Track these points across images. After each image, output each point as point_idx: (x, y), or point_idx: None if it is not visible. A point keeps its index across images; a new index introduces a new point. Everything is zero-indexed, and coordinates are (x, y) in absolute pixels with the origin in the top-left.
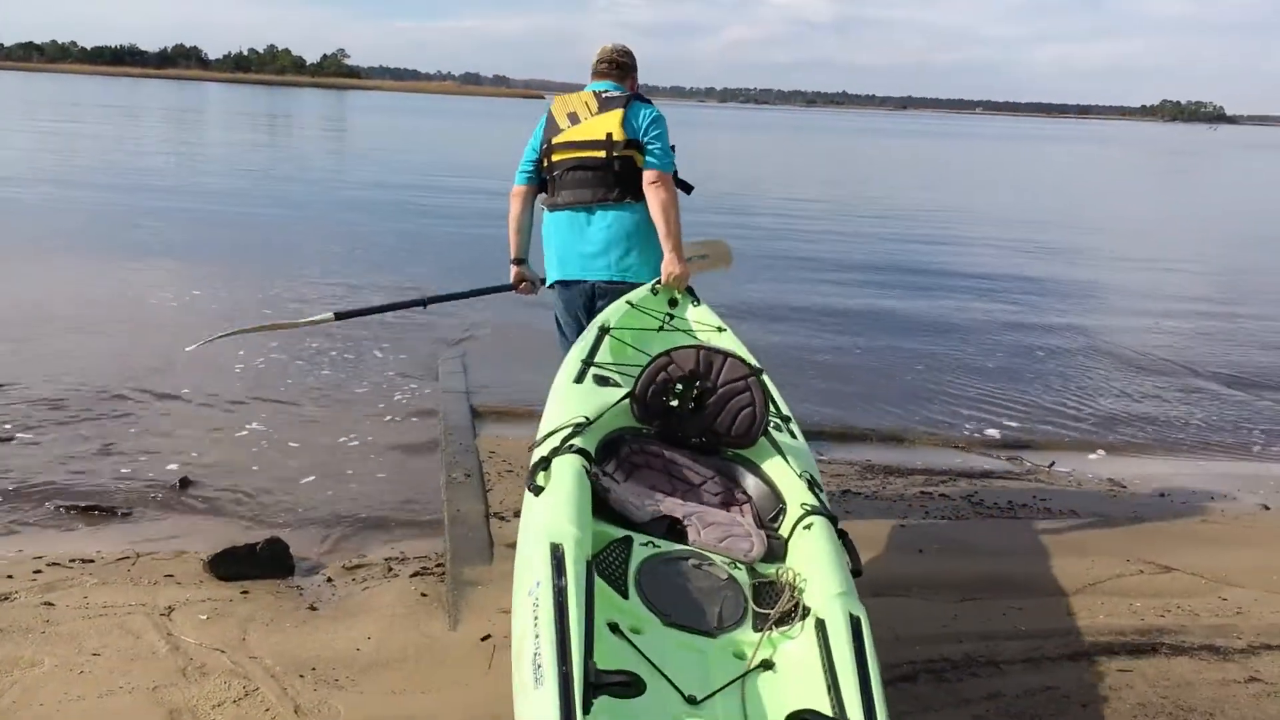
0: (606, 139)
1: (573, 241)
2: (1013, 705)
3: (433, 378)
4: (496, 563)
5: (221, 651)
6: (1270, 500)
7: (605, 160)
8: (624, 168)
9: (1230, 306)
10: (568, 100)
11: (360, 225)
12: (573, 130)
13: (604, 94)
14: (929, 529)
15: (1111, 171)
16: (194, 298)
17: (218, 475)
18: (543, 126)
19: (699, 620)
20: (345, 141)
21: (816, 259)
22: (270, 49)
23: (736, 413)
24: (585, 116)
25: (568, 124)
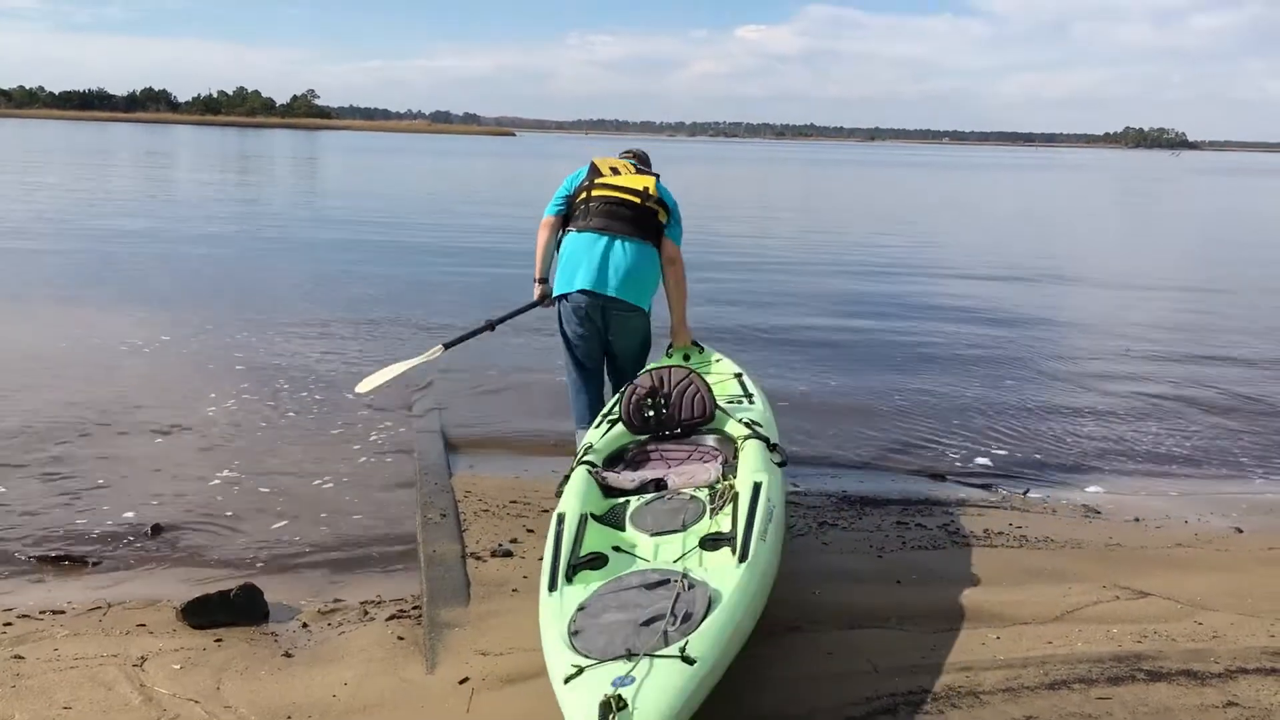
0: (643, 191)
1: (593, 257)
2: None
3: (407, 417)
4: (474, 603)
5: (196, 702)
6: (1243, 523)
7: (639, 205)
8: (649, 217)
9: (1198, 331)
10: (609, 160)
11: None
12: (615, 178)
13: (637, 165)
14: (906, 559)
15: (1078, 198)
16: (163, 343)
17: (190, 521)
18: (584, 173)
19: (672, 524)
20: (318, 180)
21: (788, 291)
22: (240, 90)
23: (692, 401)
24: (626, 172)
25: (609, 174)
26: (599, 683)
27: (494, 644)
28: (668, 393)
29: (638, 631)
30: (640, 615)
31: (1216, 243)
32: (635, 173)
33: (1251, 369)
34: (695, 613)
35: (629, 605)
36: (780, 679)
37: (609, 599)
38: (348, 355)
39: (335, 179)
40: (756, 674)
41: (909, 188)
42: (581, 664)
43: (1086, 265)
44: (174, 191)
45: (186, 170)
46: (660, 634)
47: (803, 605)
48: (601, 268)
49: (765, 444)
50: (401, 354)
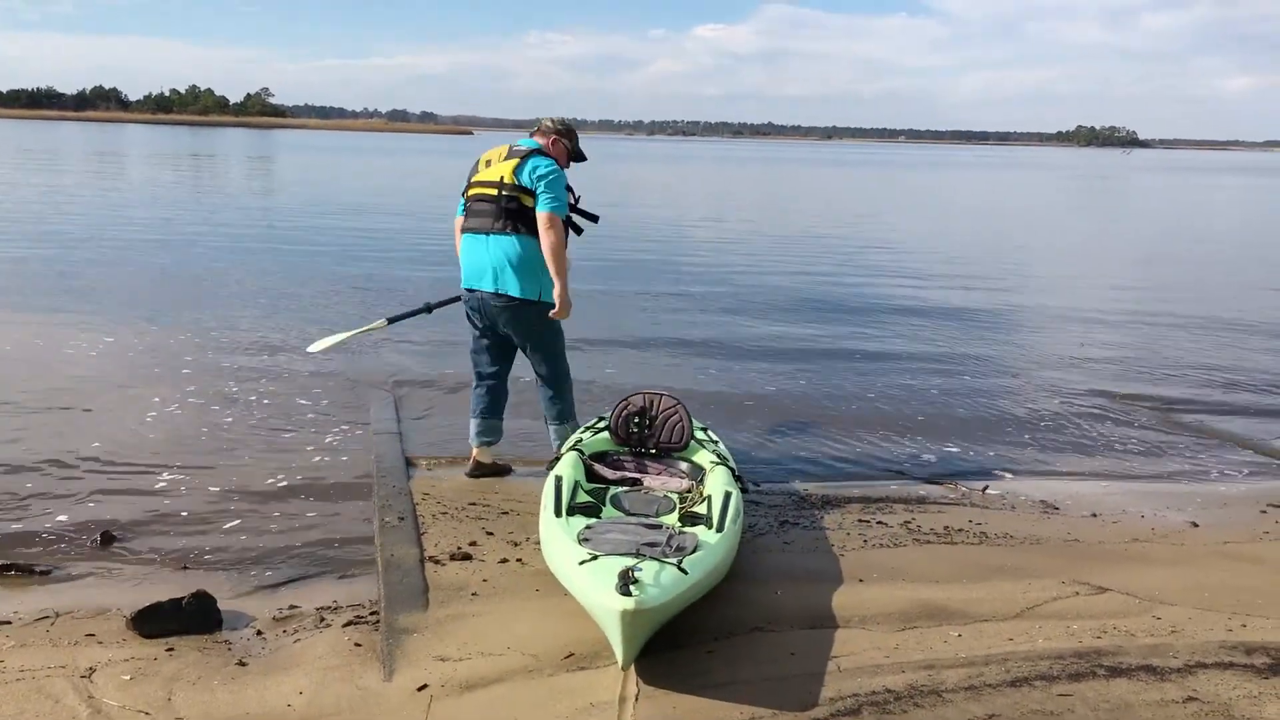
0: (499, 182)
1: (471, 258)
2: None
3: (363, 419)
4: (432, 608)
5: (146, 714)
6: (1198, 517)
7: (495, 198)
8: (511, 206)
9: (1153, 327)
10: (490, 152)
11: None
12: (483, 172)
13: (514, 146)
14: (867, 558)
15: (1032, 197)
16: (107, 346)
17: (140, 527)
18: (470, 169)
19: (645, 511)
20: (269, 179)
21: (745, 293)
22: (192, 89)
23: (673, 428)
24: (497, 161)
25: (483, 168)
26: (614, 564)
27: (453, 649)
28: (654, 415)
29: (640, 546)
30: (641, 539)
31: (1168, 239)
32: (505, 159)
33: (1206, 364)
34: (687, 547)
35: (630, 532)
36: (744, 680)
37: (612, 526)
38: (297, 356)
39: (287, 178)
40: (720, 675)
41: (864, 188)
42: (595, 553)
43: (1040, 263)
44: (119, 192)
45: (134, 170)
46: (660, 550)
47: (765, 605)
48: (477, 265)
49: (731, 472)
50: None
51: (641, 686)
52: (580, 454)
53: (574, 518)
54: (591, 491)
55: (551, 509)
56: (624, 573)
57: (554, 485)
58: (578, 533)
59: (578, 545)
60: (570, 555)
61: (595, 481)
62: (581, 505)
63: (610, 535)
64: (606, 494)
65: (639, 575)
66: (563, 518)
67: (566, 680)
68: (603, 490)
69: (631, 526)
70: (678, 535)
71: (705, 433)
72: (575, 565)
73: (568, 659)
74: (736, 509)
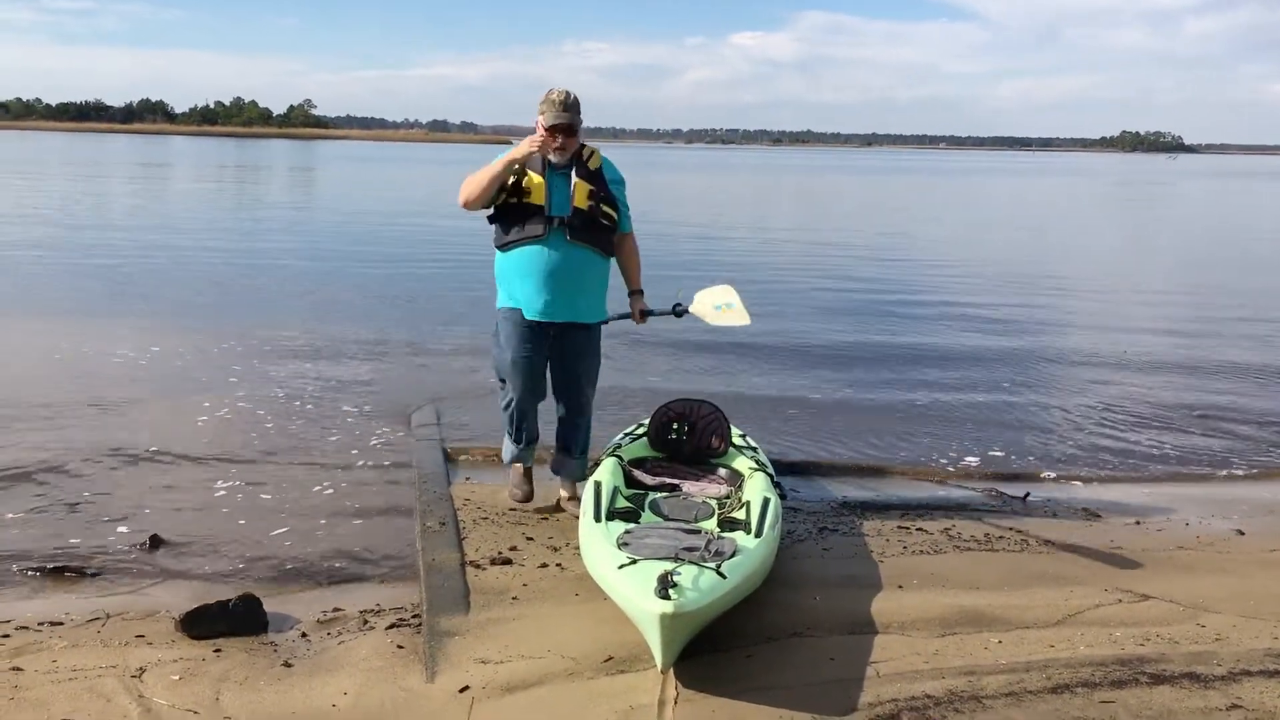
0: None
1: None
2: None
3: (405, 427)
4: (474, 612)
5: (195, 713)
6: (1244, 525)
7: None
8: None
9: (1197, 334)
10: None
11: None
12: None
13: None
14: (907, 564)
15: (1077, 203)
16: (155, 354)
17: (188, 532)
18: None
19: (684, 517)
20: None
21: (788, 299)
22: (237, 101)
23: (712, 435)
24: None
25: None
26: (653, 568)
27: (494, 652)
28: (693, 422)
29: (679, 550)
30: (680, 543)
31: (1214, 246)
32: None
33: (1251, 370)
34: (725, 552)
35: (669, 537)
36: (783, 685)
37: (651, 531)
38: (343, 363)
39: (336, 189)
40: (759, 679)
41: (908, 195)
42: (635, 558)
43: (1084, 269)
44: (169, 203)
45: (184, 181)
46: (699, 555)
47: (804, 611)
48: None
49: (770, 479)
50: (393, 367)
51: (680, 690)
52: (619, 460)
53: (613, 523)
54: (630, 497)
55: (591, 514)
56: (663, 576)
57: (593, 491)
58: (617, 537)
59: (617, 550)
60: (609, 559)
61: (634, 487)
62: (621, 510)
63: (649, 540)
64: (645, 499)
65: (678, 579)
66: (602, 523)
67: (606, 683)
68: (641, 496)
69: (670, 531)
70: (716, 540)
71: (744, 439)
72: (615, 569)
73: (607, 662)
74: (775, 515)
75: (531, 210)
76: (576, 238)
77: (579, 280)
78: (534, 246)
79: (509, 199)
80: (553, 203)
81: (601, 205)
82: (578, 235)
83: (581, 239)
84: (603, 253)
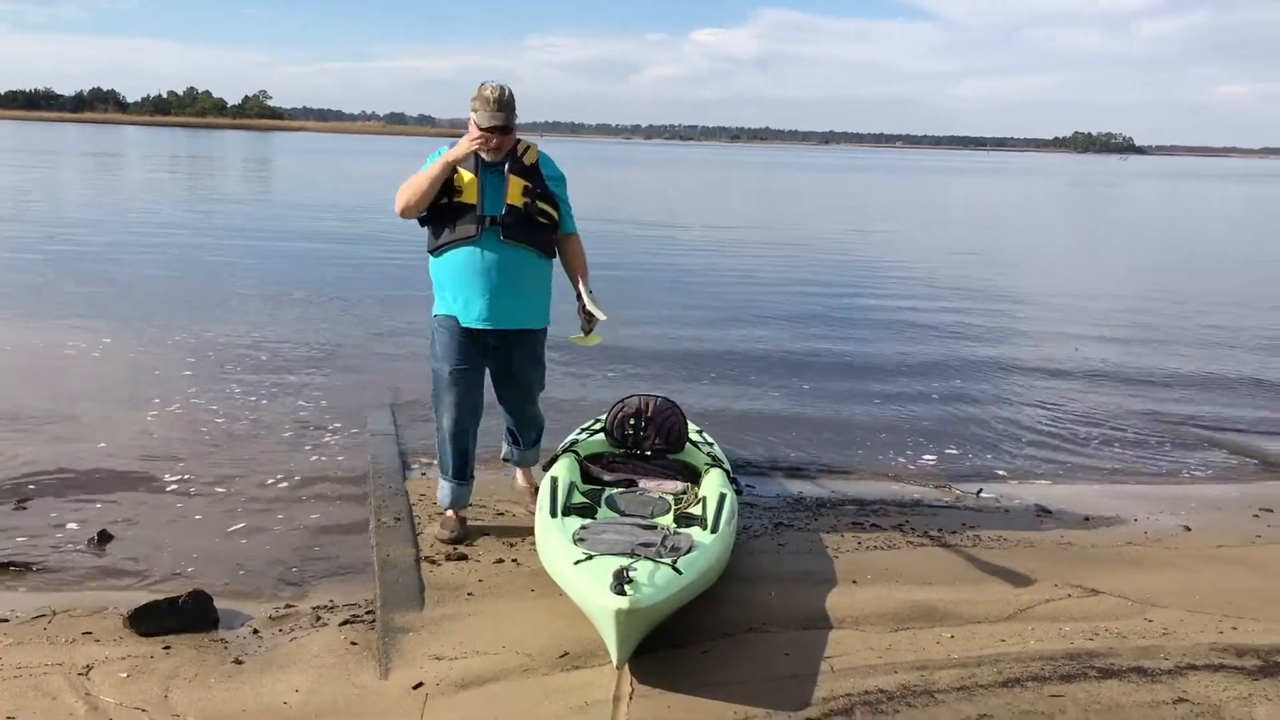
0: None
1: None
2: None
3: (360, 422)
4: (428, 607)
5: (143, 710)
6: (1191, 521)
7: None
8: None
9: (1147, 331)
10: None
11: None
12: None
13: None
14: (861, 560)
15: (1030, 203)
16: (107, 347)
17: (138, 527)
18: None
19: (640, 512)
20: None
21: (742, 299)
22: (190, 91)
23: (668, 431)
24: None
25: None
26: (609, 564)
27: (449, 648)
28: (650, 417)
29: (635, 546)
30: (636, 539)
31: (1165, 246)
32: None
33: (1198, 372)
34: (681, 547)
35: (625, 533)
36: (738, 680)
37: (607, 526)
38: (298, 360)
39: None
40: (714, 675)
41: (864, 193)
42: (591, 553)
43: (1037, 268)
44: (118, 194)
45: (132, 172)
46: (655, 550)
47: (759, 606)
48: None
49: (726, 474)
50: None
51: (636, 686)
52: (576, 455)
53: (569, 518)
54: (587, 493)
55: (547, 510)
56: (619, 572)
57: (550, 486)
58: (573, 533)
59: (573, 545)
60: (565, 555)
61: (591, 483)
62: (577, 506)
63: (605, 535)
64: (602, 495)
65: (634, 575)
66: (558, 518)
67: (561, 679)
68: (598, 491)
69: (627, 527)
70: (672, 536)
71: (700, 435)
72: (570, 565)
73: (562, 658)
74: (731, 510)
75: (463, 210)
76: (511, 237)
77: (516, 283)
78: (467, 248)
79: (439, 199)
80: (485, 201)
81: (538, 202)
82: (512, 234)
83: (517, 238)
84: (541, 253)
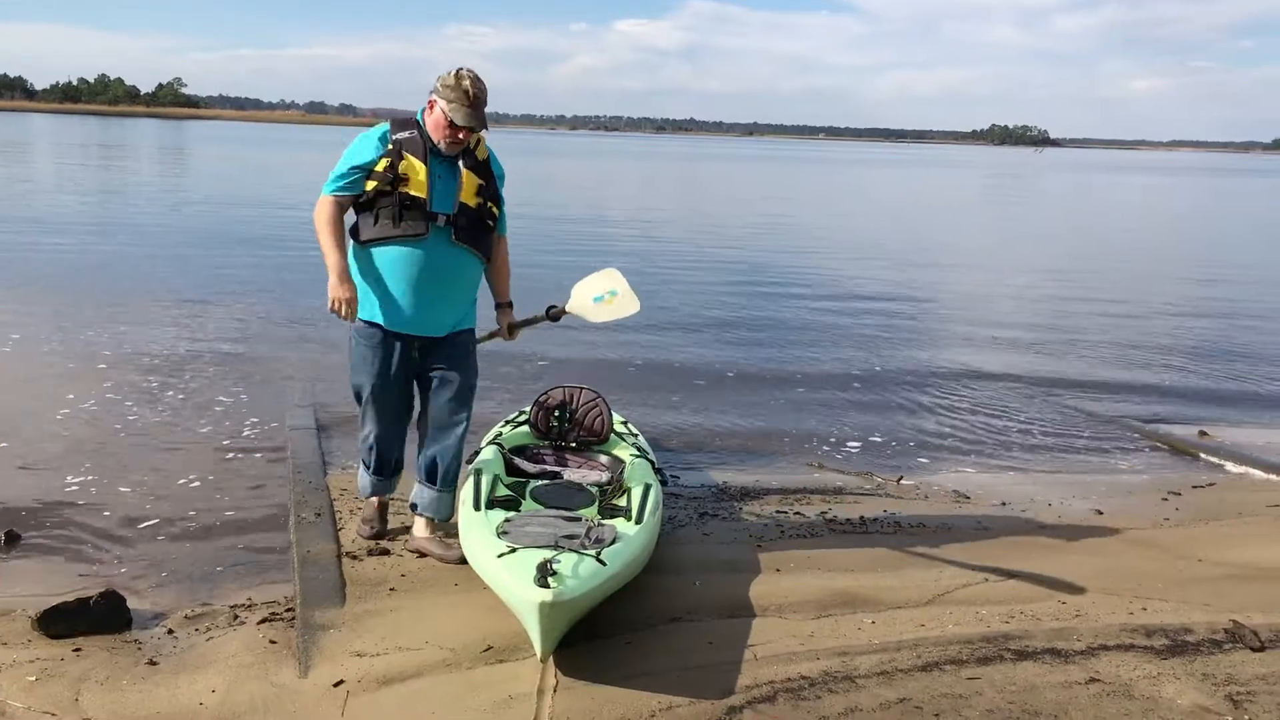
0: None
1: None
2: (869, 719)
3: (279, 417)
4: (349, 604)
5: (52, 715)
6: (1103, 505)
7: None
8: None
9: (1061, 319)
10: None
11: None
12: None
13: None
14: (785, 548)
15: (948, 193)
16: (16, 342)
17: (47, 526)
18: None
19: (566, 504)
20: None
21: (664, 285)
22: (101, 78)
23: (593, 422)
24: None
25: None
26: (532, 557)
27: (370, 645)
28: (574, 409)
29: (559, 538)
30: (560, 531)
31: (1077, 234)
32: None
33: (1113, 357)
34: (605, 539)
35: (549, 525)
36: (662, 669)
37: (531, 519)
38: (215, 352)
39: (203, 170)
40: (638, 665)
41: (786, 184)
42: (514, 546)
43: (955, 258)
44: (24, 180)
45: (41, 160)
46: (579, 542)
47: (684, 595)
48: None
49: (651, 465)
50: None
51: (560, 678)
52: (500, 448)
53: (493, 511)
54: (511, 485)
55: (470, 503)
56: (542, 565)
57: (474, 479)
58: (497, 526)
59: (496, 539)
60: (489, 548)
61: (515, 475)
62: (501, 499)
63: (529, 528)
64: (526, 487)
65: (557, 567)
66: (482, 511)
67: (485, 673)
68: (522, 484)
69: (550, 519)
70: (597, 527)
71: (625, 426)
72: (494, 558)
73: (486, 652)
74: (656, 501)
75: (409, 203)
76: (461, 239)
77: (457, 288)
78: (409, 248)
79: (381, 186)
80: (435, 196)
81: (488, 203)
82: (462, 236)
83: (465, 240)
84: (484, 258)
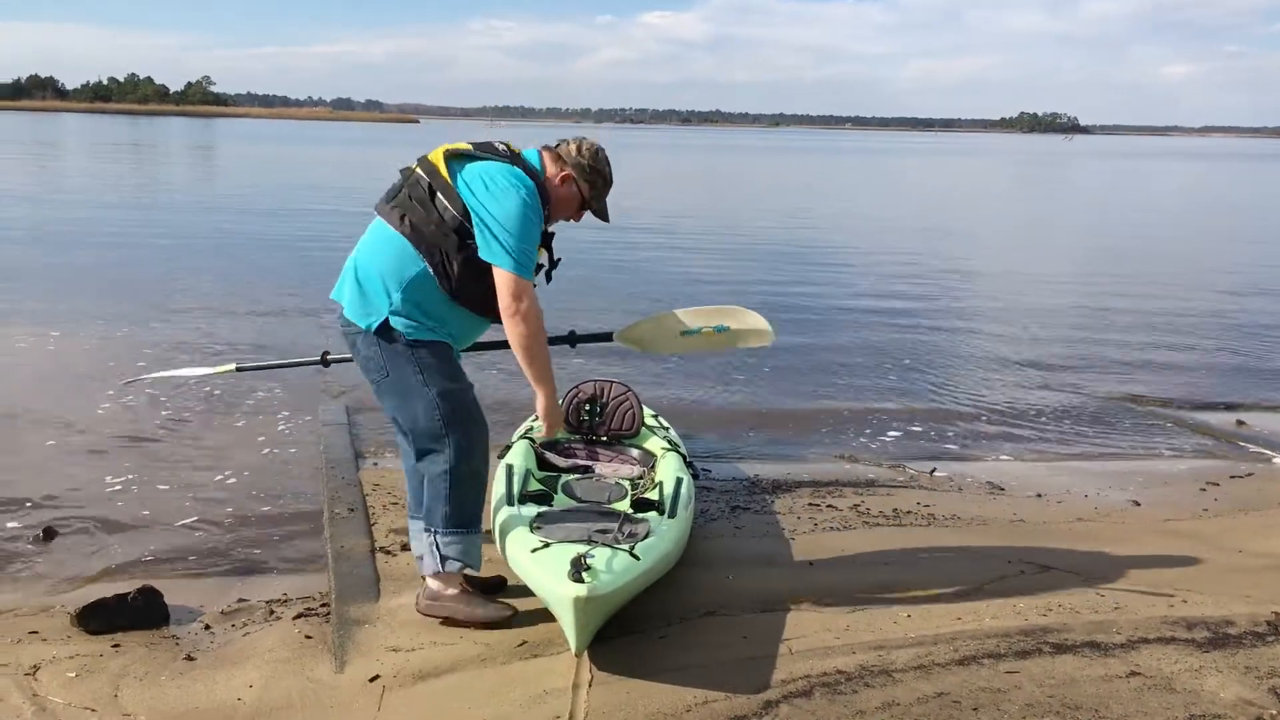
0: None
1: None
2: (907, 713)
3: (312, 413)
4: (384, 599)
5: (93, 710)
6: (1140, 496)
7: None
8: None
9: (1097, 310)
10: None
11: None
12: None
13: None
14: (818, 541)
15: (982, 183)
16: (57, 340)
17: (86, 523)
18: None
19: (597, 498)
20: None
21: (696, 279)
22: (131, 77)
23: (624, 415)
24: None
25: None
26: (566, 551)
27: (405, 640)
28: (605, 402)
29: (592, 533)
30: (594, 526)
31: (1114, 224)
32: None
33: (1149, 346)
34: (638, 533)
35: (582, 519)
36: (696, 664)
37: (564, 515)
38: (249, 351)
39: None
40: (673, 660)
41: (816, 175)
42: (548, 541)
43: (988, 249)
44: (67, 183)
45: (74, 160)
46: (612, 537)
47: (717, 590)
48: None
49: (682, 458)
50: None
51: (595, 673)
52: (531, 442)
53: (525, 506)
54: (543, 480)
55: (503, 497)
56: (576, 560)
57: (505, 474)
58: (530, 521)
59: (530, 533)
60: (522, 543)
61: (546, 470)
62: (533, 494)
63: (562, 523)
64: (558, 482)
65: (591, 562)
66: (514, 506)
67: (520, 668)
68: (554, 478)
69: (583, 514)
70: (630, 522)
71: (656, 419)
72: (527, 553)
73: (520, 647)
74: (688, 495)
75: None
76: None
77: None
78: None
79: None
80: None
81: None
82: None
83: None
84: None
